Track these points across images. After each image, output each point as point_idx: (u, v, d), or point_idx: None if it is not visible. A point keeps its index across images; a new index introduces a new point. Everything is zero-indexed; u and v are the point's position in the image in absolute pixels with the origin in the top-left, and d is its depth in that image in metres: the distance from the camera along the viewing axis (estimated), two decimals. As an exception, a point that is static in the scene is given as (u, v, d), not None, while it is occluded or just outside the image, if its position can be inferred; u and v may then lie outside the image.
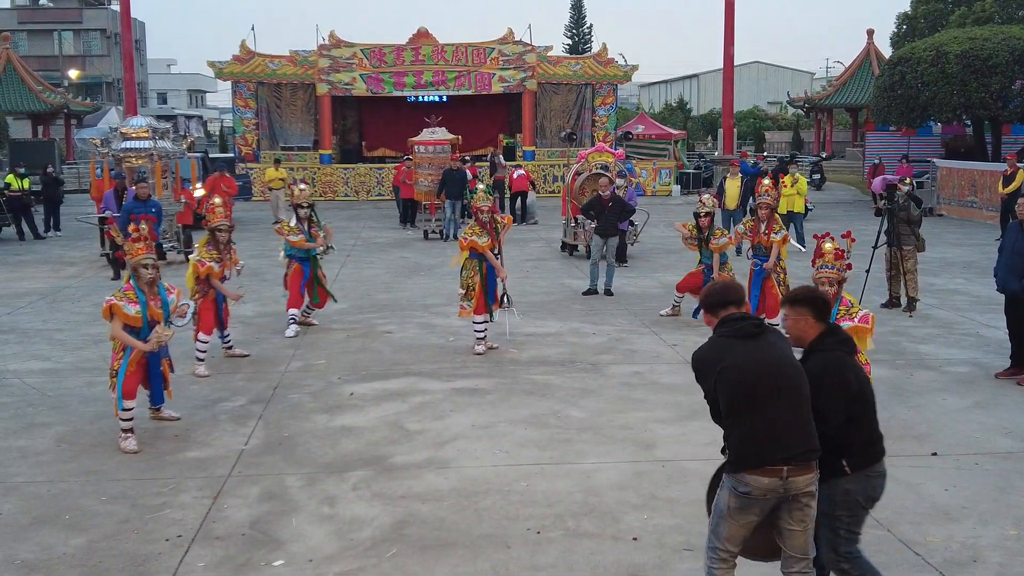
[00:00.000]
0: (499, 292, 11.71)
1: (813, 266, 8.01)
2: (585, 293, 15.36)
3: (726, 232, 13.29)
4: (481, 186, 12.17)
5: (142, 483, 7.44)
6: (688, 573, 5.84)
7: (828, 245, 8.16)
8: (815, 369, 4.87)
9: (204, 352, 10.82)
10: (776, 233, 12.34)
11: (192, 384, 10.20)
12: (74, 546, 6.32)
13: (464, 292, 11.53)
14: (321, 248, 12.74)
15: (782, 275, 12.40)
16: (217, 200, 11.58)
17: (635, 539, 6.34)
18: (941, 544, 6.23)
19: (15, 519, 6.78)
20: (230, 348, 11.48)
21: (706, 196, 13.98)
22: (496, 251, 11.61)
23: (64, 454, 8.14)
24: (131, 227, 8.55)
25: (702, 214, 13.16)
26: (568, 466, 7.73)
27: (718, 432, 8.30)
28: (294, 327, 12.56)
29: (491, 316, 11.73)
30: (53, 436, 8.58)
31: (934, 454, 7.95)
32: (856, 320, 7.95)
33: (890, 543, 6.25)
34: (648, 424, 8.79)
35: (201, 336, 10.76)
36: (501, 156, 30.50)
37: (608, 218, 15.45)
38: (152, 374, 8.58)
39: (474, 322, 11.57)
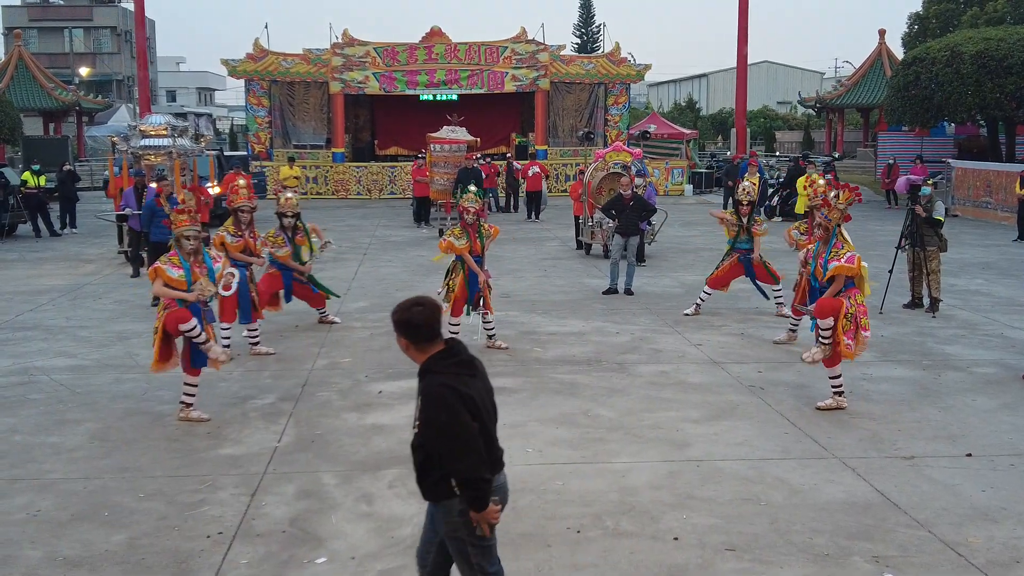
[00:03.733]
0: (478, 296, 11.48)
1: None
2: (605, 292, 15.35)
3: (766, 219, 13.57)
4: (472, 188, 11.87)
5: (178, 480, 7.45)
6: (732, 573, 5.84)
7: (820, 181, 9.08)
8: (421, 393, 4.54)
9: (226, 339, 11.04)
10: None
11: (221, 381, 10.21)
12: (115, 543, 6.33)
13: (443, 292, 11.45)
14: (313, 254, 12.60)
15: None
16: (241, 182, 11.80)
17: (675, 539, 6.33)
18: (983, 545, 6.21)
19: (53, 516, 6.79)
20: (256, 344, 11.51)
21: (746, 183, 14.05)
22: (478, 256, 11.42)
23: (97, 451, 8.15)
24: (180, 197, 9.18)
25: (744, 202, 13.32)
26: (601, 465, 7.73)
27: (751, 432, 8.43)
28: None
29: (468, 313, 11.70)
30: (85, 433, 8.59)
31: (968, 455, 7.92)
32: (843, 260, 8.43)
33: (932, 543, 6.24)
34: (678, 424, 8.78)
35: (221, 324, 10.97)
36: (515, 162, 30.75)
37: (629, 217, 15.43)
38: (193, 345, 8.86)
39: (449, 323, 11.20)
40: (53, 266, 19.17)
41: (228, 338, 11.13)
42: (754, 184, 14.18)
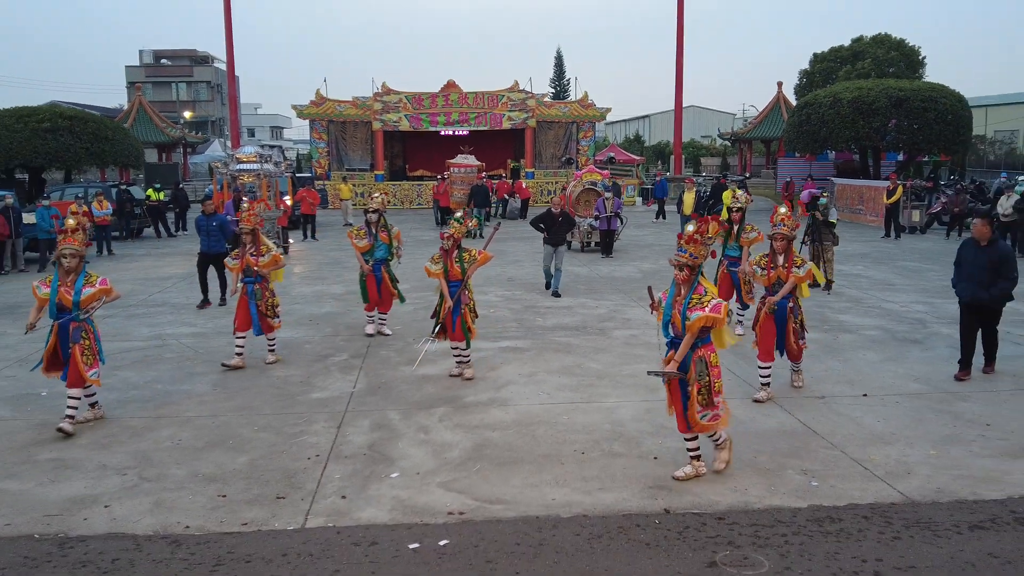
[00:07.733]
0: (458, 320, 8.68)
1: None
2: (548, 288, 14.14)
3: (756, 228, 10.38)
4: (458, 214, 9.21)
5: (282, 416, 7.40)
6: (699, 482, 5.82)
7: (689, 227, 5.88)
8: None
9: (239, 347, 9.04)
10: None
11: (306, 343, 10.16)
12: (240, 463, 6.29)
13: (434, 322, 8.90)
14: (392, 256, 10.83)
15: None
16: (244, 205, 9.48)
17: (655, 458, 6.32)
18: (882, 462, 6.21)
19: (191, 444, 6.75)
20: (272, 350, 9.33)
21: (740, 192, 11.45)
22: (457, 281, 8.76)
23: (220, 395, 8.09)
24: (68, 222, 7.12)
25: (735, 209, 10.60)
26: (595, 404, 7.70)
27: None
28: (371, 326, 10.72)
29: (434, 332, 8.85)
30: (209, 383, 8.53)
31: (864, 395, 7.92)
32: (708, 309, 5.69)
33: (844, 460, 6.23)
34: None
35: (237, 332, 9.06)
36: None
37: (558, 232, 14.15)
38: (64, 357, 7.10)
39: (452, 347, 8.86)
40: (172, 259, 19.00)
41: (239, 347, 9.08)
42: (733, 197, 10.86)
